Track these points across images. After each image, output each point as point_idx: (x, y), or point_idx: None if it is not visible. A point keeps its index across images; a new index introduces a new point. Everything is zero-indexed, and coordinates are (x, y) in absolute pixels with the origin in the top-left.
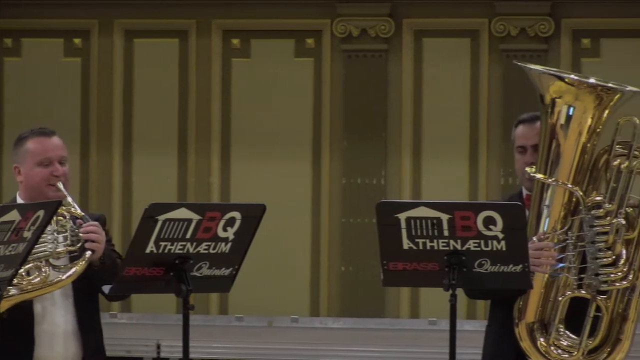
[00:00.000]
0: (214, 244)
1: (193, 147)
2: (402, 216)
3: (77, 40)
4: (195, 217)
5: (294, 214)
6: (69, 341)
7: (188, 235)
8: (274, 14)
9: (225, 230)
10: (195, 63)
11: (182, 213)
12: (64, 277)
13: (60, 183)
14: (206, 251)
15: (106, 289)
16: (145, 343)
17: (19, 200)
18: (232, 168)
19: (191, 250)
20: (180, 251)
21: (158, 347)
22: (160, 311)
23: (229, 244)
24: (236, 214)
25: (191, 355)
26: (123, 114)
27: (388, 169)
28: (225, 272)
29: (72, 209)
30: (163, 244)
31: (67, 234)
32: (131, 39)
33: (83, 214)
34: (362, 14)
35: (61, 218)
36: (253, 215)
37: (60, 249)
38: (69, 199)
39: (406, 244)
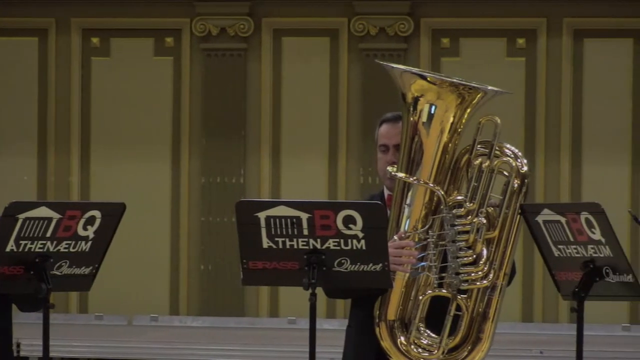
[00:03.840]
0: (74, 242)
1: (53, 146)
2: (262, 215)
3: None
4: (55, 215)
5: (154, 212)
6: None
7: (48, 234)
8: (133, 12)
9: (85, 229)
10: (55, 62)
11: (42, 212)
12: None
13: None
14: (66, 250)
15: None
16: None
17: None
18: (91, 167)
19: (51, 248)
20: (41, 250)
21: (18, 345)
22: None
23: (89, 243)
24: (96, 213)
25: (51, 354)
26: None
27: (247, 168)
28: (86, 270)
29: None
30: (23, 242)
31: None
32: None
33: None
34: (221, 13)
35: None
36: (113, 214)
37: None
38: None
39: (266, 242)
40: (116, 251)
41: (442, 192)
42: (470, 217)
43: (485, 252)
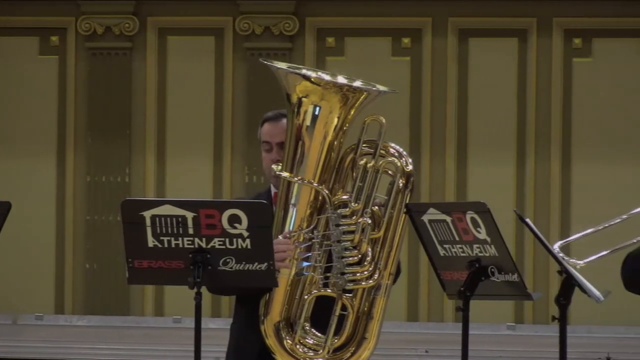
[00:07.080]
0: None
1: None
2: (147, 214)
3: None
4: None
5: (39, 211)
6: None
7: None
8: (18, 11)
9: None
10: None
11: None
12: None
13: None
14: None
15: None
16: None
17: None
18: None
19: None
20: None
21: None
22: None
23: None
24: None
25: None
26: None
27: (132, 167)
28: None
29: None
30: None
31: None
32: None
33: None
34: (106, 11)
35: None
36: None
37: None
38: None
39: (151, 241)
40: (1, 250)
41: (327, 192)
42: (355, 217)
43: (370, 252)
